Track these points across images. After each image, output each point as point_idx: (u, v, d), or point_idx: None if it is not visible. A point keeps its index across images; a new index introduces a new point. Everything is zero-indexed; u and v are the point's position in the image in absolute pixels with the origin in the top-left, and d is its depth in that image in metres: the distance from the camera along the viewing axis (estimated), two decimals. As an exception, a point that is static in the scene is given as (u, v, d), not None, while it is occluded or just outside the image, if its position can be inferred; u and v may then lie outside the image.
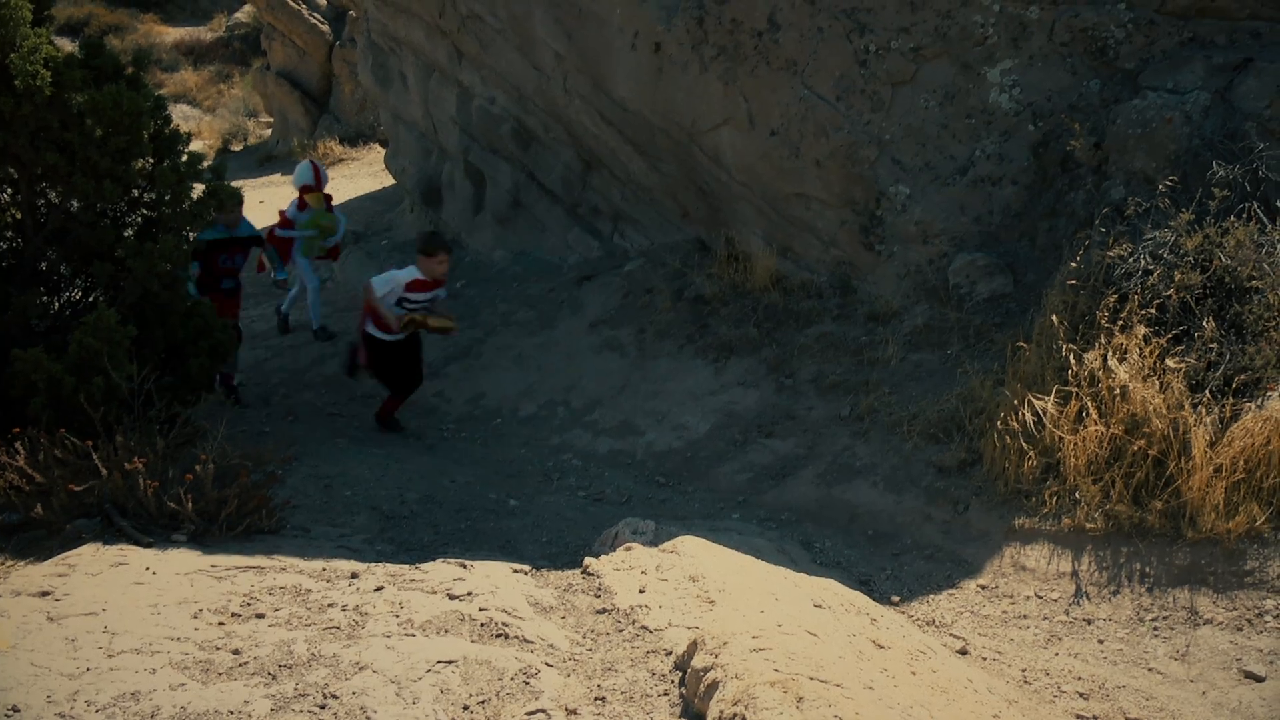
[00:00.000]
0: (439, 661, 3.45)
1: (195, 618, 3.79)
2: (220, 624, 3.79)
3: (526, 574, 4.56)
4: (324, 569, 4.47)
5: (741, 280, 8.11)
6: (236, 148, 21.95)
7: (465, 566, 4.48)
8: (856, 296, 7.57)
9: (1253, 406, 4.90)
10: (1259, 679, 4.02)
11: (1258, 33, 7.05)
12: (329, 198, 10.22)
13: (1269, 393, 4.92)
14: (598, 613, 4.08)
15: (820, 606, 4.09)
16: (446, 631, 3.73)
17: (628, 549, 4.75)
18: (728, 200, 8.46)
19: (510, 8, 9.26)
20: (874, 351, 6.98)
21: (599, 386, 7.89)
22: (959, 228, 7.21)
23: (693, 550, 4.58)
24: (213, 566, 4.39)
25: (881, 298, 7.37)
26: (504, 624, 3.87)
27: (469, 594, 4.12)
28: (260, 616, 3.85)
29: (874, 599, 4.75)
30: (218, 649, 3.54)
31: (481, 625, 3.83)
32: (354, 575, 4.36)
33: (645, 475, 6.75)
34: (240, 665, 3.42)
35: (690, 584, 4.24)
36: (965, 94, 7.37)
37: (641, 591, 4.24)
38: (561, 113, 9.48)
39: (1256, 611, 4.39)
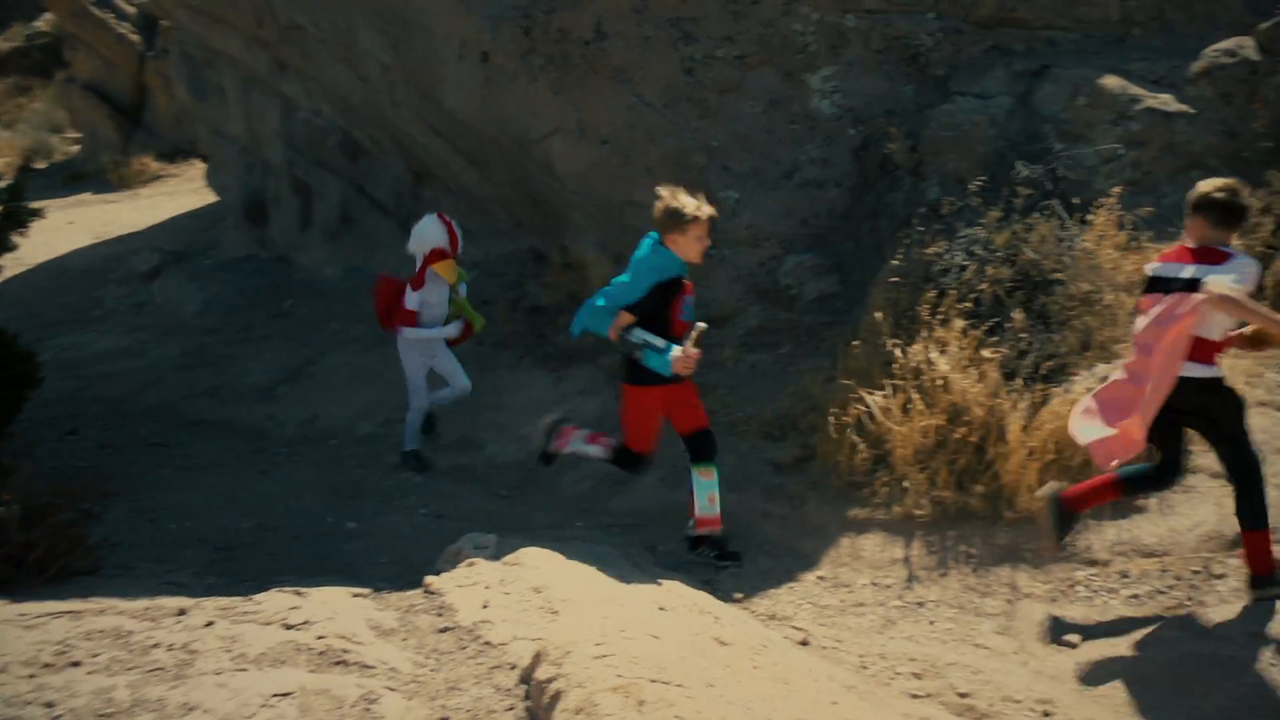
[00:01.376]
0: (274, 695, 3.32)
1: (2, 672, 3.55)
2: (31, 676, 3.54)
3: (366, 597, 4.45)
4: (147, 608, 4.24)
5: (578, 288, 8.12)
6: (40, 165, 20.69)
7: (301, 594, 4.33)
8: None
9: (1060, 391, 5.19)
10: (1073, 646, 4.26)
11: (1053, 41, 7.50)
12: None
13: (1073, 377, 5.23)
14: (440, 631, 4.01)
15: (664, 609, 4.12)
16: (282, 663, 3.59)
17: (470, 564, 4.69)
18: (562, 209, 8.47)
19: (333, 18, 9.05)
20: (709, 354, 7.06)
21: (438, 401, 7.77)
22: (788, 230, 7.40)
23: (536, 561, 4.55)
24: (21, 615, 4.10)
25: (715, 301, 7.49)
26: (343, 650, 3.76)
27: (306, 622, 3.99)
28: (76, 664, 3.62)
29: (717, 597, 4.81)
30: (28, 704, 3.31)
31: (320, 654, 3.71)
32: (181, 612, 4.16)
33: (488, 489, 6.68)
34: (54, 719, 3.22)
35: (534, 595, 4.21)
36: (789, 100, 7.58)
37: (485, 607, 4.19)
38: (390, 124, 9.32)
39: (1070, 583, 4.65)
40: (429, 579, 4.54)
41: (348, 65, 9.26)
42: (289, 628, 3.91)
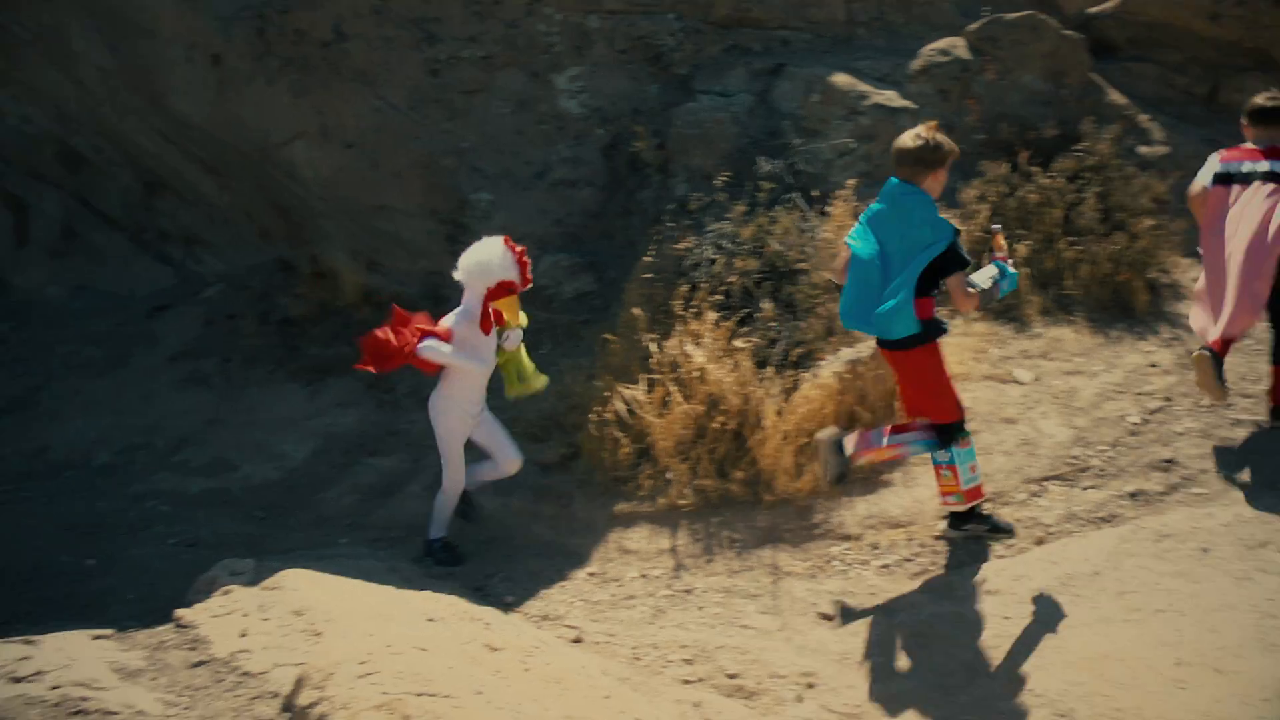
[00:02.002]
0: (1, 755, 3.03)
1: None
2: None
3: (109, 638, 4.14)
4: None
5: (330, 298, 7.85)
6: None
7: (32, 643, 3.97)
8: (450, 305, 7.51)
9: (809, 376, 5.43)
10: (830, 618, 4.46)
11: (787, 41, 7.83)
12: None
13: (820, 362, 5.48)
14: (194, 666, 3.78)
15: (433, 620, 4.03)
16: None
17: (226, 592, 4.44)
18: (309, 217, 8.15)
19: (40, 18, 8.33)
20: (471, 358, 7.00)
21: (184, 424, 7.31)
22: (542, 230, 7.40)
23: (296, 583, 4.36)
24: None
25: (474, 305, 7.41)
26: (82, 699, 3.48)
27: (38, 673, 3.66)
28: None
29: (489, 604, 4.77)
30: None
31: (55, 705, 3.43)
32: (-114, 673, 3.73)
33: (243, 512, 6.34)
34: None
35: (295, 619, 4.04)
36: (537, 101, 7.59)
37: (243, 635, 3.98)
38: (115, 132, 8.69)
39: (826, 559, 4.87)
40: (180, 612, 4.27)
41: (62, 69, 8.55)
42: (18, 680, 3.58)
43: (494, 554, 5.48)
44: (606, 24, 7.62)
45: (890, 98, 7.12)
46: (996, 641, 4.01)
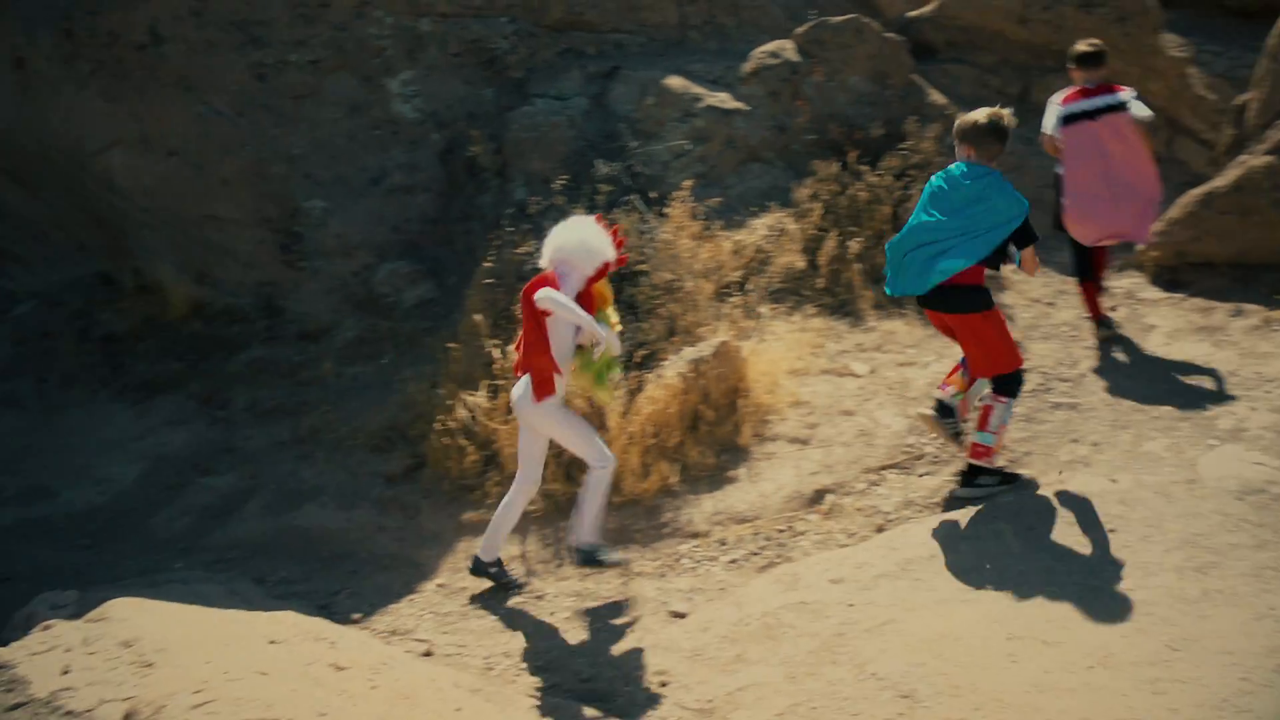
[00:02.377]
0: None
1: None
2: None
3: (-86, 686, 3.84)
4: None
5: (157, 312, 7.50)
6: None
7: None
8: (285, 317, 7.32)
9: (653, 376, 5.47)
10: (682, 615, 4.50)
11: (621, 44, 7.88)
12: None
13: (663, 362, 5.53)
14: (10, 710, 3.53)
15: (275, 642, 3.89)
16: None
17: (46, 628, 4.17)
18: (131, 228, 7.76)
19: None
20: (309, 371, 6.81)
21: (-4, 450, 6.87)
22: (380, 237, 7.25)
23: (125, 613, 4.13)
24: None
25: (311, 315, 7.21)
26: (-116, 754, 3.22)
27: None
28: None
29: (335, 621, 4.64)
30: None
31: None
32: None
33: (66, 541, 5.99)
34: None
35: (124, 651, 3.82)
36: (370, 105, 7.42)
37: (65, 672, 3.74)
38: (-92, 140, 8.11)
39: (675, 557, 4.91)
40: (-8, 653, 3.99)
41: None
42: None
43: (339, 570, 5.33)
44: (439, 27, 7.52)
45: (723, 99, 7.24)
46: (842, 629, 4.11)
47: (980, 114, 4.65)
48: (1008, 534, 4.47)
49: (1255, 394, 5.29)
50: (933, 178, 4.76)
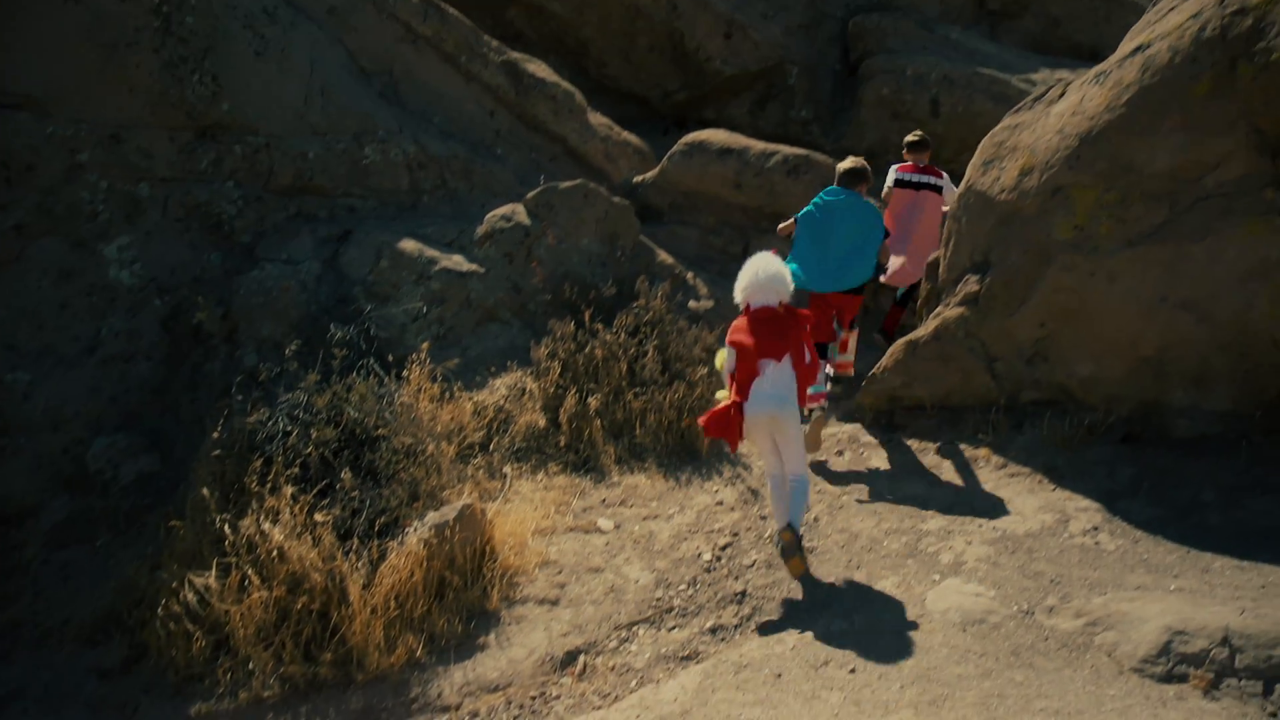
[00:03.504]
0: None
1: None
2: None
3: None
4: None
5: None
6: None
7: None
8: (-19, 500, 6.64)
9: (395, 544, 5.31)
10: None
11: (353, 208, 7.88)
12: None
13: (406, 528, 5.39)
14: None
15: None
16: None
17: None
18: None
19: None
20: (10, 558, 6.18)
21: None
22: (94, 409, 6.78)
23: None
24: None
25: (12, 497, 6.56)
26: None
27: None
28: None
29: None
30: None
31: None
32: None
33: None
34: None
35: None
36: (82, 271, 7.03)
37: None
38: None
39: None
40: None
41: None
42: None
43: (43, 786, 4.76)
44: (159, 191, 7.28)
45: (458, 262, 7.34)
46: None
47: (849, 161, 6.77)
48: (755, 682, 4.56)
49: (970, 528, 5.71)
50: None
